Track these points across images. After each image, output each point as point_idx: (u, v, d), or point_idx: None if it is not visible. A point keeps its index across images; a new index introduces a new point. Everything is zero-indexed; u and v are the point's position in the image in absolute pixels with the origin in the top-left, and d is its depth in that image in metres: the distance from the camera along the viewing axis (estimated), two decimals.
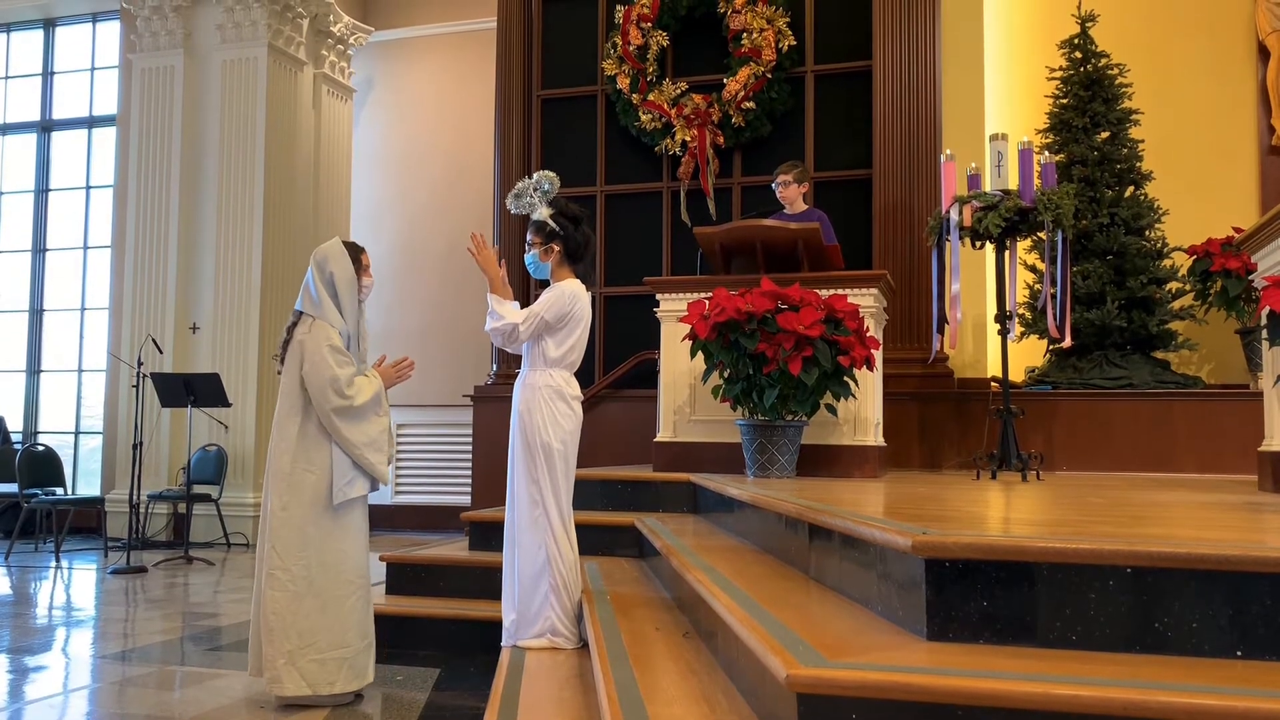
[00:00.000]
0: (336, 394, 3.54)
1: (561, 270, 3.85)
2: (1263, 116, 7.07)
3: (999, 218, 4.91)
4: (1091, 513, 2.82)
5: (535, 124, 7.90)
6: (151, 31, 9.24)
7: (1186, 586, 1.85)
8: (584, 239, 3.88)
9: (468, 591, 4.65)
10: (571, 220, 3.86)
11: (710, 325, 4.65)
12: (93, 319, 10.09)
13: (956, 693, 1.67)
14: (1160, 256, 6.67)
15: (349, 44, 10.00)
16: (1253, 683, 1.67)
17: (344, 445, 3.55)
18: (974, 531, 2.16)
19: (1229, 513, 2.88)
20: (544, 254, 3.84)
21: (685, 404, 5.36)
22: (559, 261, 3.85)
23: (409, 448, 9.80)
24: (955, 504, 3.14)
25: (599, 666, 2.70)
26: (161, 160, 9.11)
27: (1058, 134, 6.93)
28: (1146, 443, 6.14)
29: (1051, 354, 6.77)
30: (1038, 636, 1.92)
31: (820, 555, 2.78)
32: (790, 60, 7.22)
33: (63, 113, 10.45)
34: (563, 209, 3.86)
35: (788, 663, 1.80)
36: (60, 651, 4.62)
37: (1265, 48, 7.07)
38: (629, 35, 7.47)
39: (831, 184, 7.16)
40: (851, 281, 5.16)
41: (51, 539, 8.23)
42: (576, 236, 3.85)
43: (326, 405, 3.53)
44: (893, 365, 6.17)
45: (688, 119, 7.31)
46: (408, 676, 4.00)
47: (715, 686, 2.44)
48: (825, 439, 5.05)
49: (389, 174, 10.14)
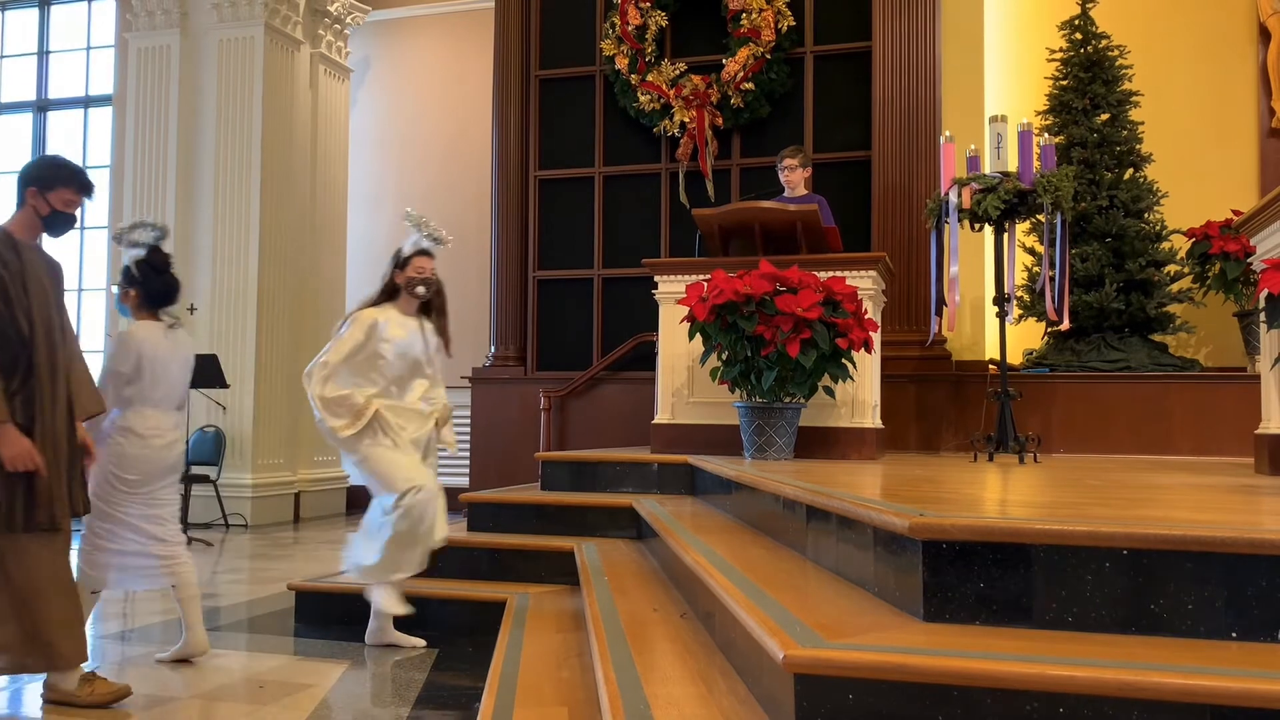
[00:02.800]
0: None
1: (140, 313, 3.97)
2: (1263, 99, 7.05)
3: (998, 200, 4.90)
4: (1088, 495, 2.83)
5: (533, 104, 7.87)
6: (148, 10, 9.19)
7: (1182, 568, 1.86)
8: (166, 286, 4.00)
9: (465, 572, 4.66)
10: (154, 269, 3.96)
11: (709, 307, 4.65)
12: (90, 300, 10.07)
13: (953, 673, 1.68)
14: (1159, 239, 6.66)
15: (346, 23, 9.94)
16: (1247, 664, 1.68)
17: None
18: (971, 513, 2.17)
19: (1225, 495, 2.89)
20: (124, 296, 3.98)
21: (683, 386, 5.37)
22: (136, 305, 3.97)
23: None
24: (952, 486, 3.15)
25: (597, 646, 2.71)
26: (158, 140, 9.07)
27: (1057, 116, 6.91)
28: (1144, 425, 6.15)
29: (1049, 337, 6.77)
30: (1034, 618, 1.93)
31: (817, 537, 2.79)
32: (789, 41, 7.19)
33: (58, 92, 10.39)
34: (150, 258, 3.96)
35: (785, 643, 1.81)
36: None
37: (1266, 29, 7.04)
38: (627, 15, 7.43)
39: (830, 166, 7.14)
40: (850, 264, 5.16)
41: None
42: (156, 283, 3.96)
43: None
44: (891, 348, 6.17)
45: (686, 100, 7.28)
46: (406, 656, 4.01)
47: (713, 667, 2.45)
48: (823, 421, 5.06)
49: (386, 154, 10.10)
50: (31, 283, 3.26)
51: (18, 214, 3.39)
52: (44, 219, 3.38)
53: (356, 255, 10.00)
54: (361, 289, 10.00)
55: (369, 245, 10.04)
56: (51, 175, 3.38)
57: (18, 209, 3.40)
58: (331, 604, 4.60)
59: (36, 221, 3.39)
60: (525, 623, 3.75)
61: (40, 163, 3.43)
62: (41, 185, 3.36)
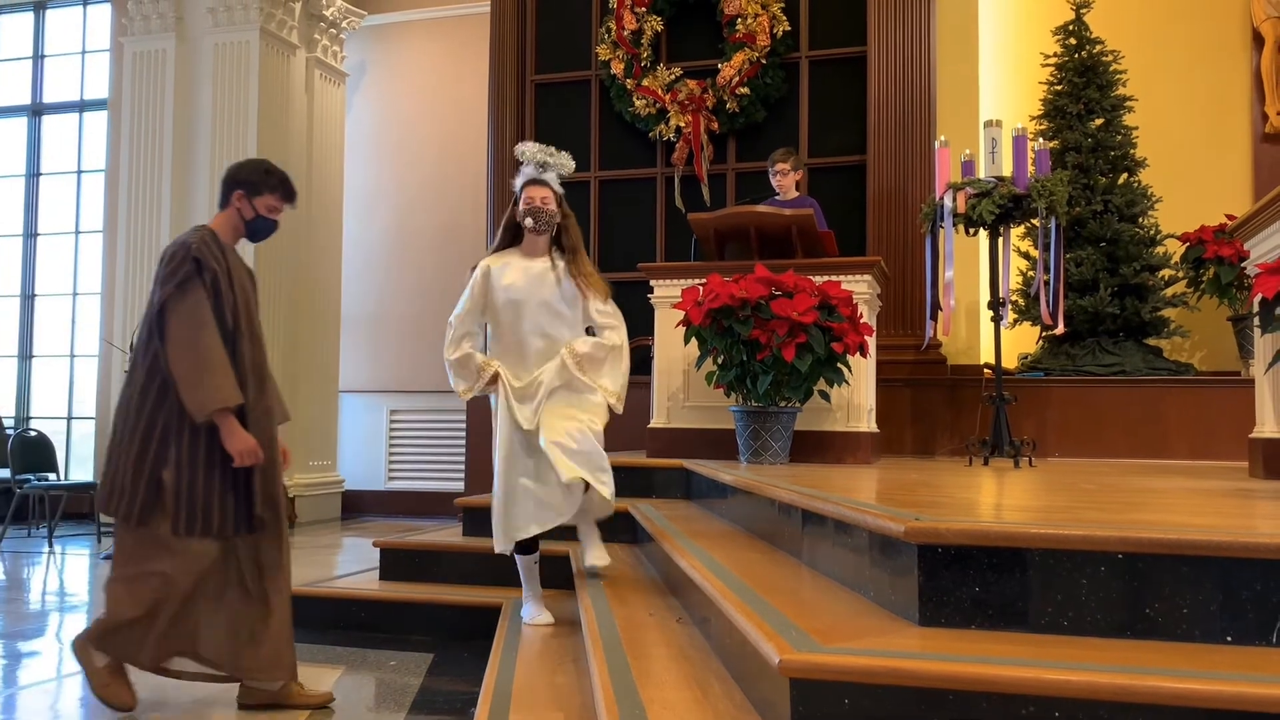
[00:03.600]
0: None
1: None
2: (1256, 104, 7.07)
3: (993, 204, 4.90)
4: (1083, 499, 2.84)
5: (529, 109, 7.87)
6: (143, 15, 9.18)
7: (1177, 572, 1.87)
8: None
9: (461, 577, 4.65)
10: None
11: (704, 311, 4.65)
12: (85, 304, 10.05)
13: (949, 678, 1.68)
14: (1153, 244, 6.67)
15: (342, 28, 9.94)
16: (1242, 668, 1.68)
17: None
18: (966, 517, 2.17)
19: (1220, 499, 2.90)
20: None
21: (679, 390, 5.36)
22: None
23: (403, 434, 9.79)
24: (948, 490, 3.15)
25: (592, 651, 2.71)
26: (153, 144, 9.06)
27: (1052, 120, 6.93)
28: (1138, 429, 6.16)
29: (1044, 341, 6.77)
30: (1029, 622, 1.93)
31: (813, 541, 2.79)
32: (785, 46, 7.19)
33: (53, 96, 10.37)
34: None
35: (781, 648, 1.81)
36: (54, 637, 4.62)
37: (1259, 35, 7.06)
38: (623, 20, 7.44)
39: (825, 170, 7.15)
40: (845, 268, 5.16)
41: (44, 525, 8.21)
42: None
43: None
44: (886, 352, 6.18)
45: (682, 104, 7.28)
46: (401, 662, 4.00)
47: (709, 671, 2.45)
48: (818, 425, 5.06)
49: (382, 159, 10.10)
50: (236, 283, 3.27)
51: (220, 214, 3.37)
52: (247, 223, 3.36)
53: (352, 259, 9.99)
54: (357, 293, 10.04)
55: (365, 249, 10.03)
56: (260, 180, 3.35)
57: (221, 209, 3.37)
58: (326, 609, 4.59)
59: (240, 224, 3.37)
60: (521, 627, 3.75)
61: (249, 166, 3.40)
62: (249, 189, 3.33)
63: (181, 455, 3.12)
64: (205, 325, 3.14)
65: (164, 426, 3.13)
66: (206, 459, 3.14)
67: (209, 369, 3.11)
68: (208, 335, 3.14)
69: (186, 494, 3.11)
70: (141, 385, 3.17)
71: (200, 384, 3.09)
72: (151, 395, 3.15)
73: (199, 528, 3.12)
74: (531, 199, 3.86)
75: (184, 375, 3.10)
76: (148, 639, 3.16)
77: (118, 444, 3.18)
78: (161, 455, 3.12)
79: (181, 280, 3.15)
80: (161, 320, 3.15)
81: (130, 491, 3.11)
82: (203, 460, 3.13)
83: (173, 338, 3.12)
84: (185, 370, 3.10)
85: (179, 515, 3.10)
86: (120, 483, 3.13)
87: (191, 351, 3.11)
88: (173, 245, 3.24)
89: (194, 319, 3.13)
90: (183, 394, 3.09)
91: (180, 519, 3.10)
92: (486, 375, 3.75)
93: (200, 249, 3.21)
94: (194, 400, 3.09)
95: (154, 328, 3.16)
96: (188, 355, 3.10)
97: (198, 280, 3.17)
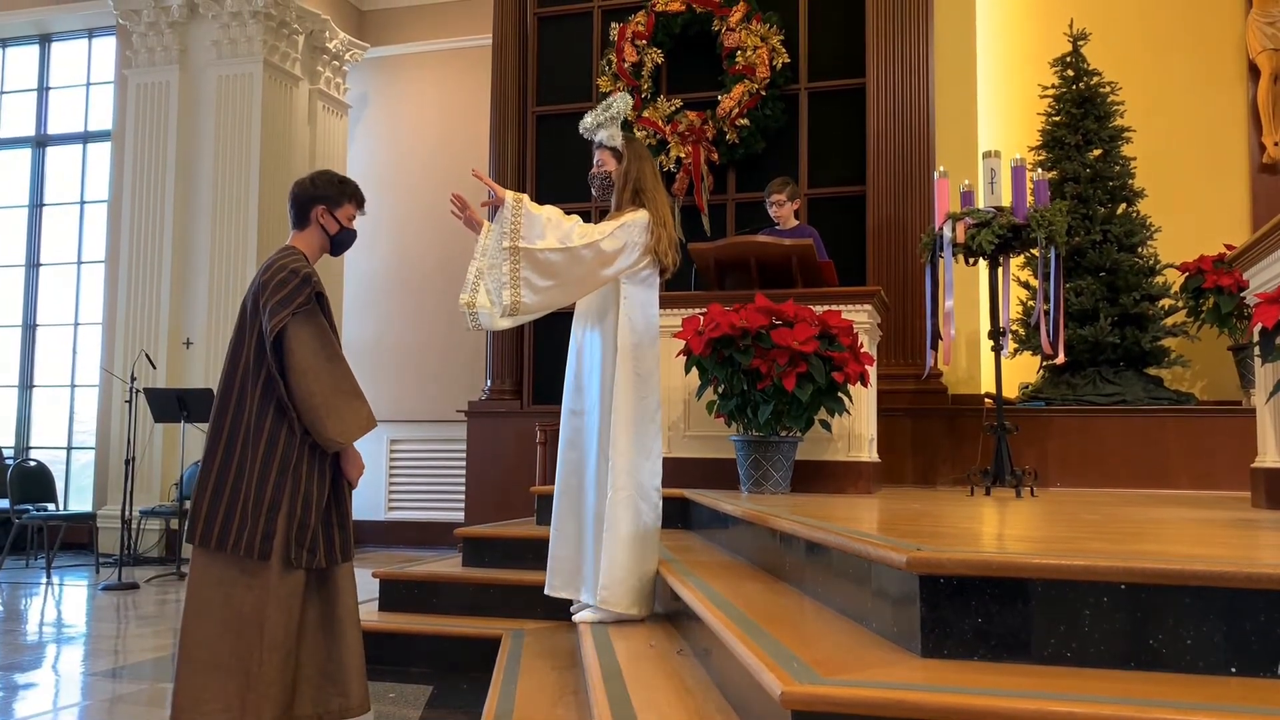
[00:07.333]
0: None
1: None
2: (1253, 134, 7.11)
3: (992, 234, 4.92)
4: (1085, 529, 2.82)
5: (530, 140, 7.92)
6: (147, 47, 9.27)
7: (1181, 603, 1.85)
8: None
9: (461, 608, 4.63)
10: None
11: (705, 341, 4.65)
12: (86, 334, 10.07)
13: (951, 710, 1.67)
14: (1152, 273, 6.69)
15: (344, 60, 10.03)
16: (1247, 700, 1.67)
17: None
18: (968, 548, 2.16)
19: (1222, 529, 2.89)
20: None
21: (679, 420, 5.36)
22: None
23: (403, 464, 9.77)
24: (949, 520, 3.14)
25: (593, 683, 2.69)
26: (156, 175, 9.12)
27: (1050, 151, 6.96)
28: (1140, 459, 6.14)
29: (1045, 370, 6.77)
30: (1032, 653, 1.92)
31: (815, 572, 2.77)
32: (784, 77, 7.25)
33: (58, 128, 10.45)
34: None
35: (782, 679, 1.80)
36: (50, 668, 4.59)
37: (1255, 66, 7.12)
38: (624, 53, 7.50)
39: (825, 200, 7.18)
40: (845, 298, 5.17)
41: (43, 555, 8.18)
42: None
43: None
44: (887, 381, 6.18)
45: (682, 136, 7.33)
46: (400, 694, 3.97)
47: (710, 704, 2.43)
48: (819, 455, 5.05)
49: (383, 189, 10.15)
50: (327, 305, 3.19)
51: (301, 233, 3.27)
52: (332, 237, 3.30)
53: (353, 289, 10.02)
54: (357, 323, 10.06)
55: (366, 280, 10.06)
56: (338, 192, 3.29)
57: (299, 229, 3.27)
58: None
59: (325, 240, 3.29)
60: (521, 659, 3.72)
61: (322, 180, 3.31)
62: (330, 203, 3.28)
63: (299, 484, 3.04)
64: (336, 354, 3.09)
65: (283, 455, 3.02)
66: (318, 486, 3.07)
67: (348, 396, 3.06)
68: (341, 363, 3.09)
69: (299, 523, 3.02)
70: (256, 412, 3.04)
71: (338, 413, 3.02)
72: (268, 423, 3.03)
73: (305, 559, 3.02)
74: (597, 163, 3.83)
75: (319, 405, 3.01)
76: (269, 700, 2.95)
77: (236, 474, 3.03)
78: (281, 484, 3.01)
79: (300, 306, 3.05)
80: (280, 347, 3.04)
81: (253, 522, 2.98)
82: (316, 488, 3.06)
83: (299, 367, 3.02)
84: (320, 400, 3.01)
85: (289, 545, 3.00)
86: (243, 513, 2.99)
87: (326, 380, 3.03)
88: (275, 269, 3.10)
89: (325, 347, 3.07)
90: (315, 422, 3.01)
91: (291, 548, 3.00)
92: None
93: (312, 272, 3.13)
94: (334, 429, 3.01)
95: (270, 355, 3.03)
96: (321, 384, 3.02)
97: (316, 306, 3.09)
